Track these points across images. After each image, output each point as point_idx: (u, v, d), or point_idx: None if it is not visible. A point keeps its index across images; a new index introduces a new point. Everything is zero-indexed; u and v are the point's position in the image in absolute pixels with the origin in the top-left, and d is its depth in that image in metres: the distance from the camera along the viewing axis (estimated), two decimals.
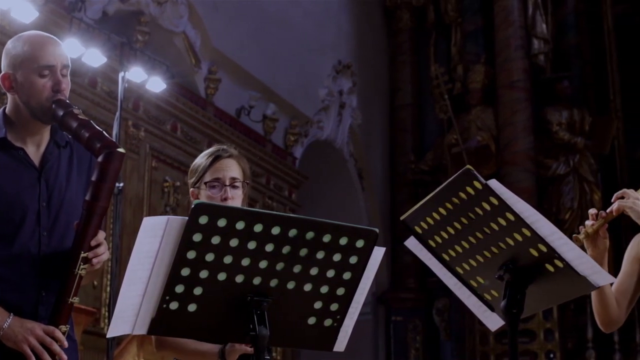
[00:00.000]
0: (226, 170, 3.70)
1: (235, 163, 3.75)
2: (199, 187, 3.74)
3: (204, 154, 3.80)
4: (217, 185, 3.69)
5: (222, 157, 3.73)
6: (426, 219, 3.03)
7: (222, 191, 3.67)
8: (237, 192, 3.71)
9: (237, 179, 3.71)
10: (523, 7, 15.18)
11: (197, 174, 3.75)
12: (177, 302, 2.71)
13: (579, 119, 14.69)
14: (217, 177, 3.70)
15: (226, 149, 3.79)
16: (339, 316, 2.93)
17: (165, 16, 11.05)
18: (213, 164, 3.72)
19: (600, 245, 3.52)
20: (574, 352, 13.53)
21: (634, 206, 3.47)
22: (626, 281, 3.77)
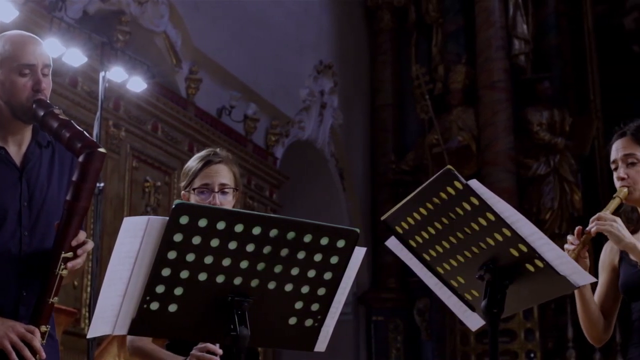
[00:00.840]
0: (215, 176, 3.69)
1: (226, 168, 3.73)
2: (189, 191, 3.73)
3: (196, 158, 3.79)
4: (206, 191, 3.68)
5: (213, 163, 3.72)
6: (407, 219, 3.03)
7: (211, 197, 3.66)
8: (227, 198, 3.70)
9: (226, 185, 3.70)
10: (504, 7, 15.22)
11: (188, 178, 3.74)
12: (158, 303, 2.70)
13: (559, 119, 14.74)
14: (206, 183, 3.69)
15: (218, 153, 3.77)
16: (320, 316, 2.93)
17: (146, 16, 11.03)
18: (203, 169, 3.71)
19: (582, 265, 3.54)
20: (554, 352, 13.57)
21: (612, 230, 3.47)
22: (603, 290, 3.79)
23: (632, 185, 3.63)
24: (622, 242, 3.47)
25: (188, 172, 3.75)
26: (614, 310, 3.80)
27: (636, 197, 3.65)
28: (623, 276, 3.72)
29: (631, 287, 3.67)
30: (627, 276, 3.70)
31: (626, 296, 3.73)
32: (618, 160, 3.71)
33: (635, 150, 3.67)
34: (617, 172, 3.70)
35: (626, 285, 3.70)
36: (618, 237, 3.47)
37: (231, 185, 3.72)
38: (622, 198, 3.62)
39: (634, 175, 3.64)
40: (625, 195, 3.62)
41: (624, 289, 3.71)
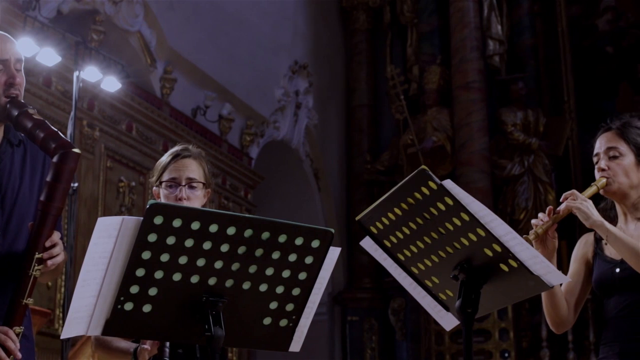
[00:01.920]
0: (183, 170, 3.68)
1: (195, 163, 3.72)
2: (158, 185, 3.72)
3: (167, 153, 3.79)
4: (174, 185, 3.67)
5: (181, 157, 3.71)
6: (381, 219, 3.03)
7: (178, 191, 3.65)
8: (195, 192, 3.68)
9: (194, 179, 3.69)
10: (478, 8, 15.26)
11: (157, 172, 3.73)
12: (132, 303, 2.70)
13: (533, 119, 14.79)
14: (173, 177, 3.68)
15: (188, 148, 3.76)
16: (295, 316, 2.93)
17: (120, 15, 11.00)
18: (172, 162, 3.70)
19: (550, 246, 3.57)
20: (528, 351, 13.61)
21: (581, 207, 3.52)
22: (574, 281, 3.82)
23: (611, 177, 3.67)
24: (589, 219, 3.51)
25: (158, 167, 3.74)
26: (580, 301, 3.83)
27: (614, 189, 3.68)
28: (597, 272, 3.74)
29: (605, 284, 3.70)
30: (601, 272, 3.72)
31: (599, 292, 3.76)
32: (601, 153, 3.74)
33: (619, 144, 3.71)
34: (598, 164, 3.73)
35: (600, 281, 3.72)
36: (586, 214, 3.51)
37: (200, 180, 3.70)
38: (600, 187, 3.66)
39: (615, 167, 3.68)
40: (603, 185, 3.66)
41: (597, 285, 3.74)
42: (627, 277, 3.60)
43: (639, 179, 3.69)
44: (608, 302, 3.72)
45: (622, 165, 3.68)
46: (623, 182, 3.67)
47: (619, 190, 3.69)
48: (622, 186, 3.67)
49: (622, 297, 3.65)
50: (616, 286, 3.65)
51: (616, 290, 3.66)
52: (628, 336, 3.61)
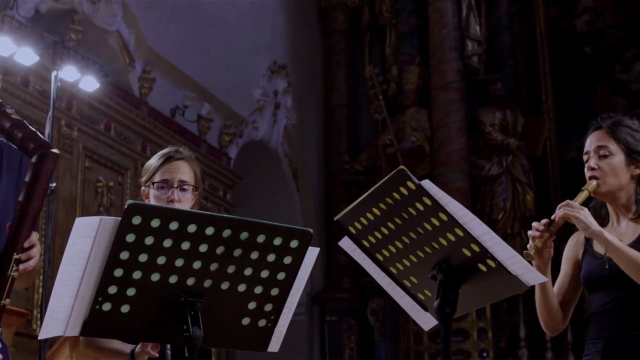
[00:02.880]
0: (175, 172, 3.70)
1: (187, 166, 3.75)
2: (148, 186, 3.73)
3: (157, 154, 3.81)
4: (165, 186, 3.69)
5: (174, 159, 3.73)
6: (360, 219, 3.04)
7: (170, 192, 3.66)
8: (186, 195, 3.71)
9: (186, 182, 3.72)
10: (457, 9, 15.29)
11: (148, 173, 3.75)
12: (110, 303, 2.69)
13: (511, 120, 14.83)
14: (165, 179, 3.70)
15: (180, 150, 3.79)
16: (273, 316, 2.93)
17: (98, 15, 10.96)
18: (164, 164, 3.72)
19: (546, 255, 3.58)
20: (506, 351, 13.65)
21: (580, 216, 3.52)
22: (564, 281, 3.84)
23: (601, 177, 3.67)
24: (589, 229, 3.51)
25: (149, 168, 3.76)
26: (572, 301, 3.85)
27: (604, 190, 3.69)
28: (586, 268, 3.76)
29: (594, 279, 3.71)
30: (589, 267, 3.74)
31: (586, 287, 3.77)
32: (591, 152, 3.75)
33: (609, 143, 3.71)
34: (588, 162, 3.73)
35: (589, 277, 3.74)
36: (585, 224, 3.51)
37: (191, 182, 3.73)
38: (591, 191, 3.66)
39: (604, 167, 3.68)
40: (594, 189, 3.67)
41: (585, 279, 3.75)
42: (616, 273, 3.61)
43: (628, 179, 3.70)
44: (595, 297, 3.73)
45: (611, 164, 3.68)
46: (612, 182, 3.68)
47: (608, 191, 3.69)
48: (612, 187, 3.68)
49: (610, 292, 3.66)
50: (605, 282, 3.66)
51: (604, 286, 3.68)
52: (609, 333, 3.62)
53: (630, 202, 3.72)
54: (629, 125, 3.78)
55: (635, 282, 3.54)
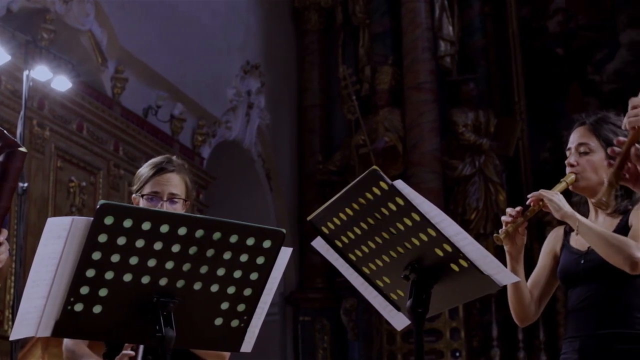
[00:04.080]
0: (166, 185, 3.68)
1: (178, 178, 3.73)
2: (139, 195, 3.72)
3: (150, 163, 3.78)
4: (155, 198, 3.68)
5: (166, 171, 3.71)
6: (333, 220, 3.04)
7: (159, 205, 3.65)
8: (176, 207, 3.69)
9: (176, 195, 3.70)
10: (430, 9, 15.32)
11: (139, 183, 3.73)
12: (82, 304, 2.68)
13: (484, 120, 14.88)
14: (155, 191, 3.68)
15: (172, 161, 3.76)
16: (246, 317, 2.93)
17: (71, 14, 10.91)
18: (155, 176, 3.70)
19: (519, 242, 3.60)
20: (479, 351, 13.70)
21: (553, 198, 3.55)
22: (540, 274, 3.86)
23: (580, 173, 3.69)
24: (561, 210, 3.54)
25: (140, 177, 3.74)
26: (546, 295, 3.86)
27: (582, 185, 3.71)
28: (562, 263, 3.77)
29: (569, 274, 3.73)
30: (566, 263, 3.75)
31: (563, 283, 3.79)
32: (572, 148, 3.76)
33: (590, 140, 3.73)
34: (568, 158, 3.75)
35: (564, 272, 3.75)
36: (558, 205, 3.53)
37: (181, 195, 3.72)
38: (569, 183, 3.68)
39: (584, 164, 3.70)
40: (572, 181, 3.68)
41: (562, 275, 3.77)
42: (591, 268, 3.63)
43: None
44: (572, 293, 3.75)
45: (591, 161, 3.70)
46: (591, 178, 3.69)
47: (587, 186, 3.71)
48: (590, 182, 3.69)
49: (585, 288, 3.67)
50: (580, 277, 3.68)
51: (580, 282, 3.69)
52: (586, 332, 3.64)
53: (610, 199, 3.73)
54: (613, 122, 3.78)
55: (609, 277, 3.56)
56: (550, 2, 16.04)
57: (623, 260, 3.45)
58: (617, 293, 3.60)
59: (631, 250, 3.44)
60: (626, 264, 3.45)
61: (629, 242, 3.46)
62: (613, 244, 3.47)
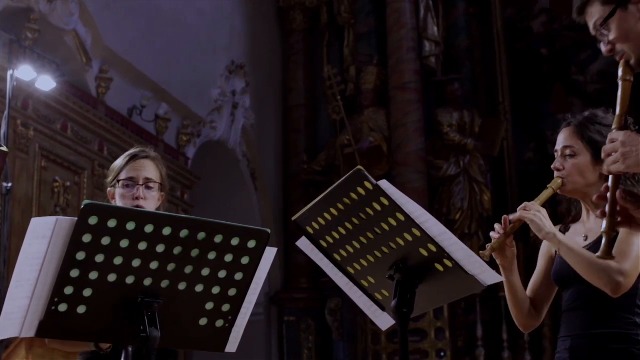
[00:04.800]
0: (141, 170, 3.71)
1: (152, 164, 3.77)
2: (114, 185, 3.73)
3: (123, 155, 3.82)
4: (131, 184, 3.69)
5: (139, 157, 3.74)
6: (318, 220, 3.04)
7: (135, 190, 3.66)
8: (152, 193, 3.71)
9: (151, 179, 3.73)
10: (415, 9, 15.33)
11: (114, 173, 3.75)
12: (66, 304, 2.68)
13: (469, 120, 14.90)
14: (131, 177, 3.71)
15: (145, 150, 3.81)
16: (231, 317, 2.93)
17: (55, 14, 10.88)
18: (129, 163, 3.73)
19: (509, 254, 3.61)
20: (464, 351, 13.71)
21: (534, 218, 3.54)
22: (538, 278, 3.87)
23: (566, 177, 3.68)
24: (542, 231, 3.54)
25: (114, 168, 3.77)
26: (546, 298, 3.87)
27: (569, 189, 3.71)
28: (556, 265, 3.78)
29: (562, 276, 3.73)
30: (559, 265, 3.76)
31: (558, 284, 3.80)
32: (558, 151, 3.75)
33: (575, 143, 3.71)
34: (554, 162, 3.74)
35: (558, 274, 3.76)
36: (539, 226, 3.53)
37: (157, 181, 3.74)
38: (556, 189, 3.68)
39: (569, 167, 3.69)
40: (558, 187, 3.68)
41: (556, 277, 3.77)
42: None
43: (596, 177, 3.68)
44: (565, 295, 3.76)
45: (576, 164, 3.68)
46: (578, 181, 3.68)
47: (574, 189, 3.71)
48: (577, 186, 3.69)
49: (577, 290, 3.69)
50: (572, 279, 3.68)
51: (572, 283, 3.70)
52: (577, 332, 3.65)
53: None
54: (600, 122, 3.75)
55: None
56: (535, 3, 16.08)
57: (604, 285, 3.47)
58: (608, 295, 3.61)
59: (612, 276, 3.46)
60: (607, 288, 3.47)
61: (610, 266, 3.46)
62: (594, 270, 3.49)
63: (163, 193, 3.81)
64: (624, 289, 3.49)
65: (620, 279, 3.44)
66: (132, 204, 3.65)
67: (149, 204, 3.69)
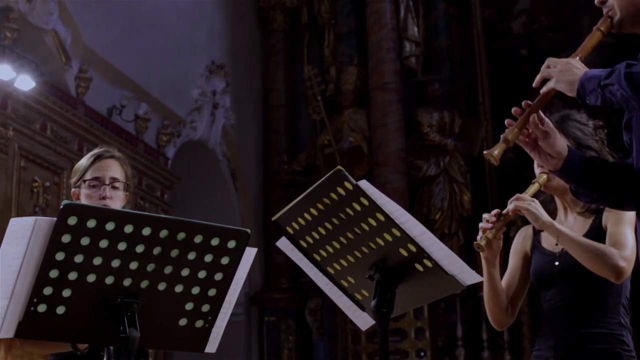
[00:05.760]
0: (106, 170, 3.70)
1: (117, 164, 3.75)
2: (79, 186, 3.71)
3: (87, 155, 3.80)
4: (97, 184, 3.68)
5: (104, 157, 3.73)
6: (298, 220, 3.04)
7: (102, 190, 3.65)
8: (117, 192, 3.70)
9: (117, 179, 3.71)
10: (395, 10, 15.34)
11: (79, 173, 3.73)
12: (45, 305, 2.67)
13: (449, 120, 14.92)
14: (97, 177, 3.69)
15: (109, 150, 3.80)
16: (211, 317, 2.93)
17: (34, 13, 10.83)
18: (94, 163, 3.72)
19: (495, 247, 3.60)
20: (444, 350, 13.73)
21: (530, 208, 3.55)
22: (512, 276, 3.87)
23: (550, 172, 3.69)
24: (539, 220, 3.54)
25: (79, 168, 3.75)
26: (520, 296, 3.87)
27: (554, 185, 3.72)
28: (535, 265, 3.78)
29: (544, 276, 3.74)
30: (539, 265, 3.76)
31: (537, 285, 3.80)
32: None
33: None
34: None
35: (539, 274, 3.76)
36: (535, 216, 3.54)
37: (122, 180, 3.73)
38: (542, 184, 3.68)
39: None
40: (544, 182, 3.69)
41: (535, 277, 3.78)
42: (566, 269, 3.64)
43: None
44: (545, 294, 3.76)
45: None
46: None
47: (559, 185, 3.72)
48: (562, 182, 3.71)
49: (560, 289, 3.69)
50: (555, 279, 3.69)
51: (555, 283, 3.70)
52: (563, 331, 3.65)
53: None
54: (577, 119, 3.82)
55: (585, 279, 3.58)
56: (515, 3, 16.12)
57: (608, 270, 3.48)
58: (593, 294, 3.62)
59: (615, 261, 3.47)
60: (611, 274, 3.48)
61: (612, 251, 3.49)
62: (597, 255, 3.49)
63: (128, 192, 3.80)
64: (626, 275, 3.51)
65: (623, 264, 3.46)
66: (99, 204, 3.64)
67: (115, 203, 3.69)
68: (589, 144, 3.77)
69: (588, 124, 3.84)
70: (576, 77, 2.86)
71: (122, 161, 3.82)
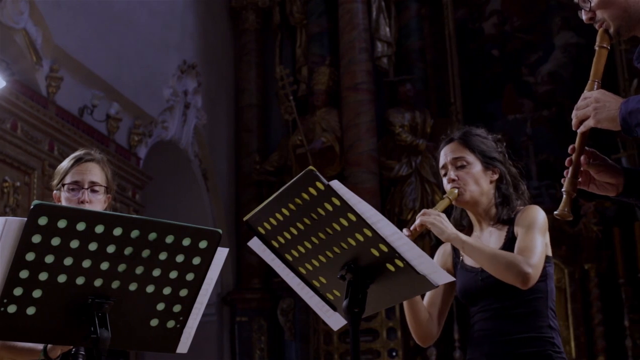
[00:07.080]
0: (86, 174, 3.69)
1: (98, 167, 3.75)
2: (60, 189, 3.70)
3: (69, 157, 3.80)
4: (76, 188, 3.67)
5: (84, 160, 3.72)
6: (269, 220, 3.05)
7: (81, 194, 3.64)
8: (97, 196, 3.69)
9: (97, 183, 3.70)
10: (367, 10, 15.37)
11: (59, 176, 3.73)
12: (15, 305, 2.66)
13: (421, 121, 14.96)
14: (76, 180, 3.68)
15: (90, 152, 3.79)
16: (182, 317, 2.92)
17: (5, 12, 10.78)
18: (74, 166, 3.71)
19: None
20: (415, 350, 13.75)
21: (435, 221, 3.61)
22: (435, 293, 3.90)
23: (462, 186, 3.77)
24: (444, 233, 3.60)
25: (59, 171, 3.74)
26: (444, 311, 3.93)
27: (466, 198, 3.79)
28: (460, 282, 3.82)
29: (470, 293, 3.78)
30: (464, 282, 3.81)
31: (465, 301, 3.84)
32: (448, 164, 3.85)
33: (464, 154, 3.82)
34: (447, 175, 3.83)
35: (464, 291, 3.81)
36: (440, 229, 3.60)
37: (102, 184, 3.72)
38: (452, 199, 3.76)
39: (464, 176, 3.78)
40: (455, 197, 3.76)
41: (462, 294, 3.82)
42: (490, 284, 3.69)
43: (488, 185, 3.81)
44: (473, 309, 3.81)
45: (471, 173, 3.79)
46: (474, 190, 3.79)
47: (471, 198, 3.80)
48: (474, 194, 3.78)
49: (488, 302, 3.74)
50: (480, 294, 3.73)
51: (480, 298, 3.75)
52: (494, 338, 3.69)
53: (490, 206, 3.81)
54: (479, 134, 3.92)
55: (509, 290, 3.62)
56: (486, 4, 16.18)
57: (514, 277, 3.53)
58: (520, 301, 3.67)
59: (521, 267, 3.52)
60: (517, 280, 3.53)
61: (518, 258, 3.54)
62: (501, 263, 3.55)
63: (109, 195, 3.79)
64: (532, 281, 3.56)
65: (529, 270, 3.52)
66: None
67: (95, 207, 3.68)
68: (494, 155, 3.87)
69: (488, 137, 3.94)
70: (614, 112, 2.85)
71: (103, 164, 3.81)
